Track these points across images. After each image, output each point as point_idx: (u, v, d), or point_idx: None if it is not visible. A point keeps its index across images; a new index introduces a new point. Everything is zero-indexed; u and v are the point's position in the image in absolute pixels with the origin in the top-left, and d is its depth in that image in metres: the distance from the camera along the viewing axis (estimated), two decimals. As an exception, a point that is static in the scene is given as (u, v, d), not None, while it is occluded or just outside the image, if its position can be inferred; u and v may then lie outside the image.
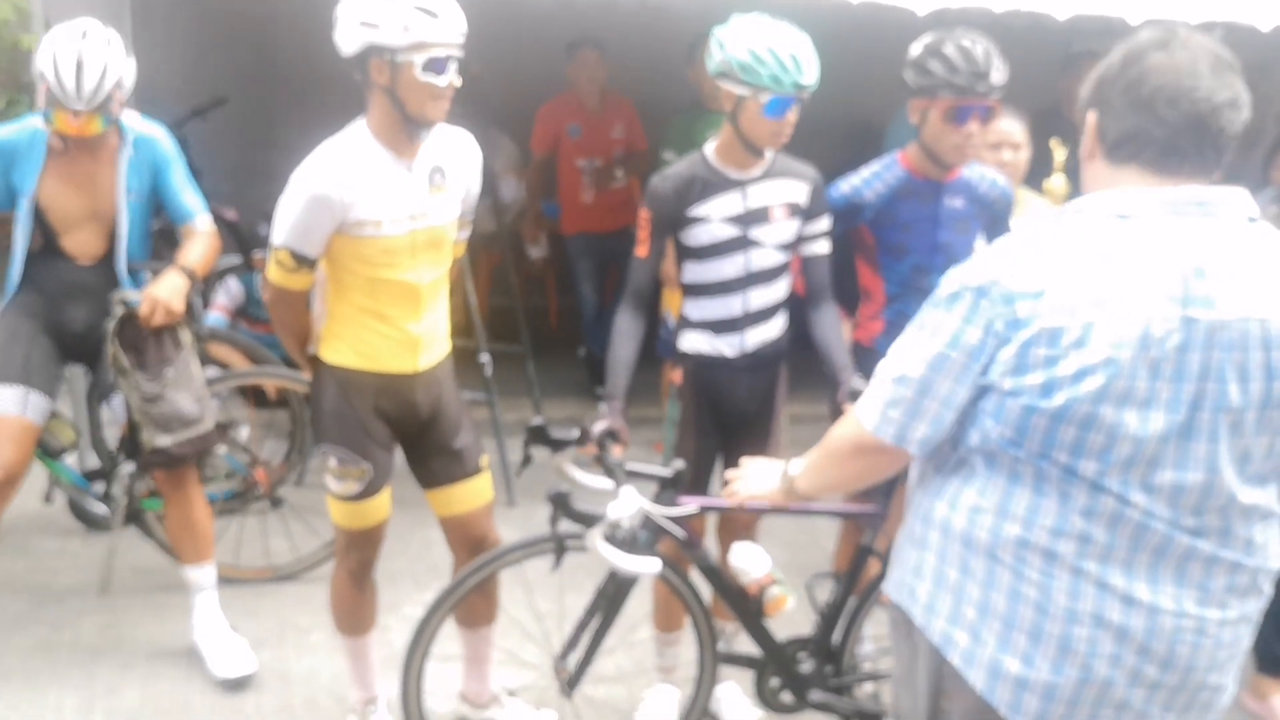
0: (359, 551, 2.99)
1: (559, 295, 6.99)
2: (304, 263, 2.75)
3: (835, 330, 3.14)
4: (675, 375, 3.15)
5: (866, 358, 3.16)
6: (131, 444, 3.55)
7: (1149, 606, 1.76)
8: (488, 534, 3.07)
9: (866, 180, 3.24)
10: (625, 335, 3.02)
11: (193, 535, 3.51)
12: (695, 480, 3.10)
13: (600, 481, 2.83)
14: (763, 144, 2.92)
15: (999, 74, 3.00)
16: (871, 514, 3.00)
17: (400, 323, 2.84)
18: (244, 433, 4.22)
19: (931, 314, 1.82)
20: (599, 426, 2.82)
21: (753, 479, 2.46)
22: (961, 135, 3.05)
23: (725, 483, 2.61)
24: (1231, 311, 1.68)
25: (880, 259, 3.28)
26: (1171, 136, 1.72)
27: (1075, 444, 1.71)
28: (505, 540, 3.04)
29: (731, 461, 3.22)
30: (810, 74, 2.83)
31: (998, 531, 1.80)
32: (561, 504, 2.77)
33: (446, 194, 2.84)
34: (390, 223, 2.74)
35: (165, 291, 3.29)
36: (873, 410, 1.89)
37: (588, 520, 2.76)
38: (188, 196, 3.46)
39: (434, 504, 3.06)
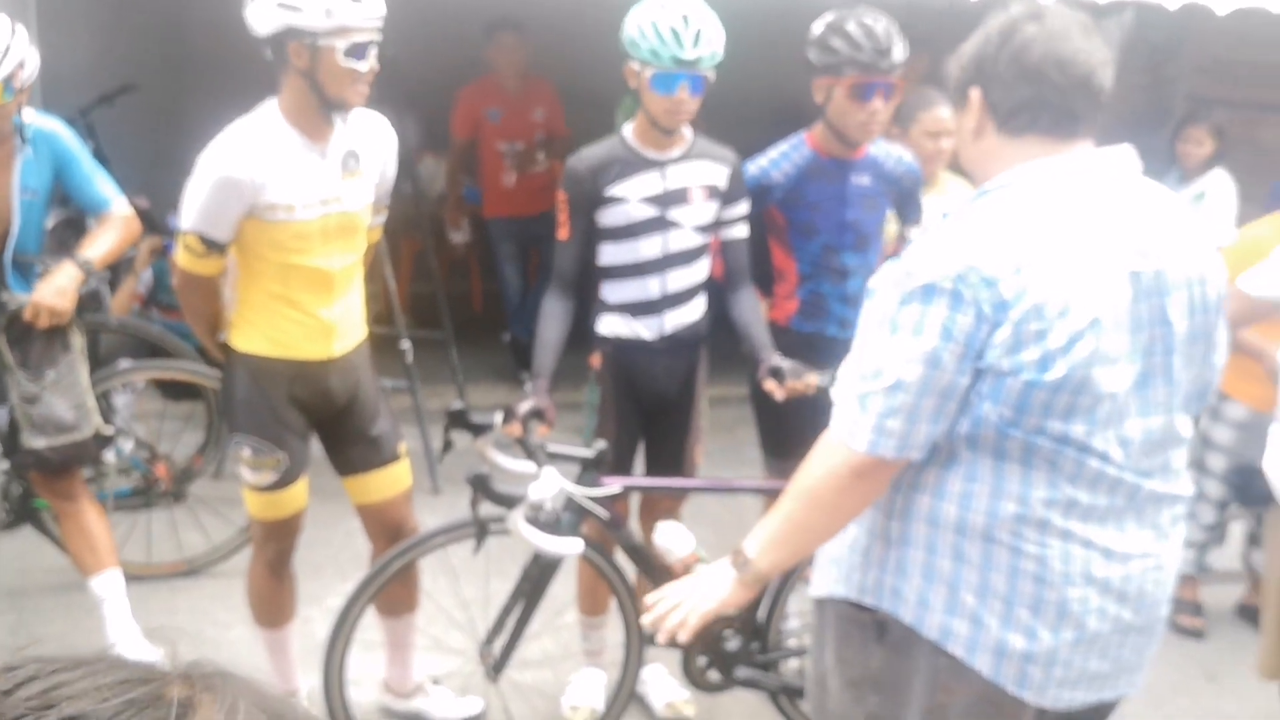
0: (276, 542, 2.93)
1: (482, 280, 6.93)
2: (213, 248, 2.68)
3: (755, 312, 3.15)
4: (594, 359, 3.13)
5: (782, 337, 3.19)
6: (10, 442, 3.42)
7: (1122, 554, 1.83)
8: (406, 521, 3.03)
9: (774, 161, 3.24)
10: (552, 317, 3.01)
11: (90, 545, 3.37)
12: (616, 464, 3.09)
13: (522, 464, 2.81)
14: (661, 122, 2.89)
15: (900, 51, 3.01)
16: None
17: (313, 309, 2.78)
18: (129, 445, 4.09)
19: (907, 313, 1.74)
20: (524, 406, 2.80)
21: (699, 593, 2.03)
22: (866, 112, 3.05)
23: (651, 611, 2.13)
24: (1162, 259, 1.76)
25: (791, 239, 3.28)
26: (1065, 100, 1.77)
27: (1068, 410, 1.74)
28: (427, 527, 3.00)
29: (653, 445, 3.24)
30: (696, 49, 2.79)
31: (994, 512, 1.79)
32: (482, 486, 2.74)
33: (360, 179, 2.79)
34: (302, 207, 2.68)
35: (50, 294, 3.12)
36: (862, 430, 1.77)
37: (509, 502, 2.74)
38: (100, 185, 3.32)
39: (351, 492, 3.01)
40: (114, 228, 3.34)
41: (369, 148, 2.80)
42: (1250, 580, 4.08)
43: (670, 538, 2.93)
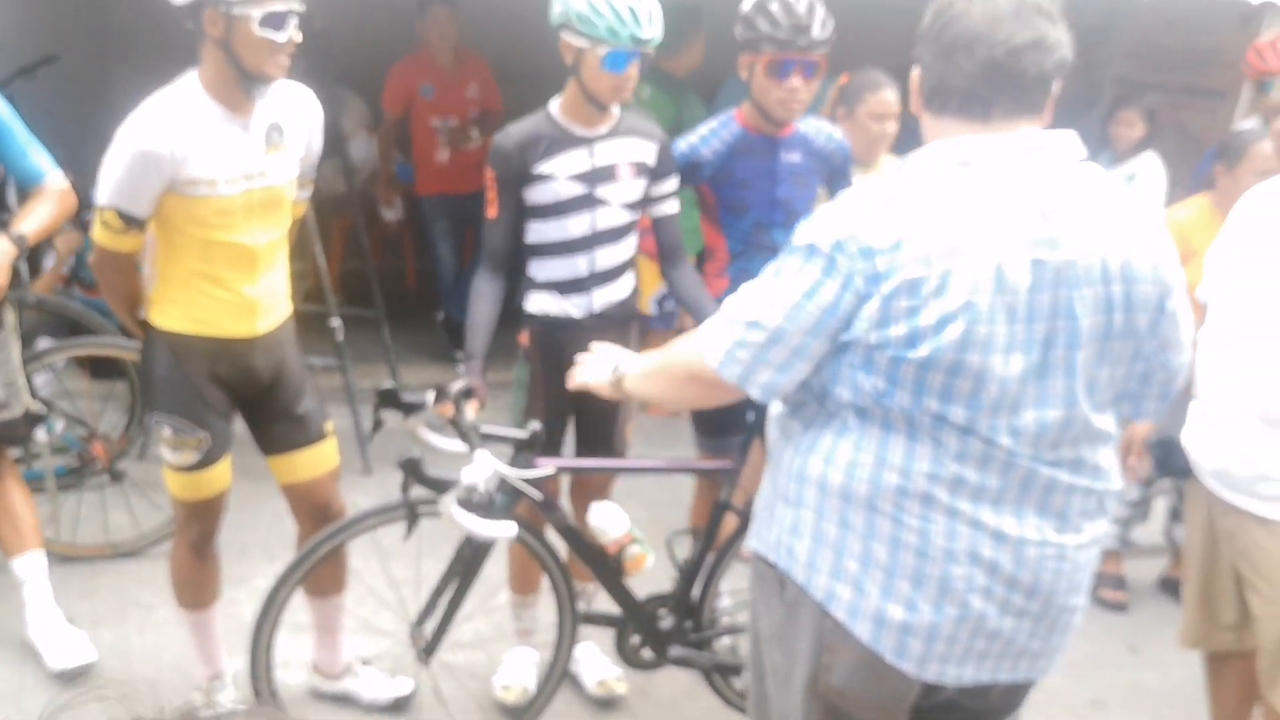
0: (199, 523, 2.88)
1: (416, 258, 6.85)
2: (132, 223, 2.61)
3: (698, 286, 3.14)
4: (522, 337, 3.11)
5: None
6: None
7: (1016, 539, 1.81)
8: (332, 501, 2.98)
9: (704, 138, 3.22)
10: (483, 296, 2.98)
11: (13, 525, 3.30)
12: (547, 442, 3.07)
13: (454, 445, 2.78)
14: (604, 99, 2.87)
15: (822, 29, 3.00)
16: (727, 470, 3.02)
17: (235, 286, 2.72)
18: (60, 424, 3.99)
19: (789, 262, 1.80)
20: (456, 385, 2.76)
21: (588, 368, 2.44)
22: (785, 90, 3.05)
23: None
24: (1074, 250, 1.73)
25: (721, 217, 3.28)
26: (969, 83, 1.75)
27: (944, 391, 1.74)
28: (358, 507, 2.96)
29: (583, 423, 3.22)
30: (650, 28, 2.79)
31: (876, 482, 1.80)
32: (413, 470, 2.71)
33: (284, 153, 2.73)
34: (224, 182, 2.62)
35: None
36: (718, 347, 1.86)
37: (440, 486, 2.71)
38: (34, 157, 3.18)
39: (276, 471, 2.96)
40: (49, 201, 3.23)
41: (293, 121, 2.75)
42: (1172, 554, 4.17)
43: (605, 518, 2.93)
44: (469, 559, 2.85)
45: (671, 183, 3.08)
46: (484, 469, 2.68)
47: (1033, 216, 1.72)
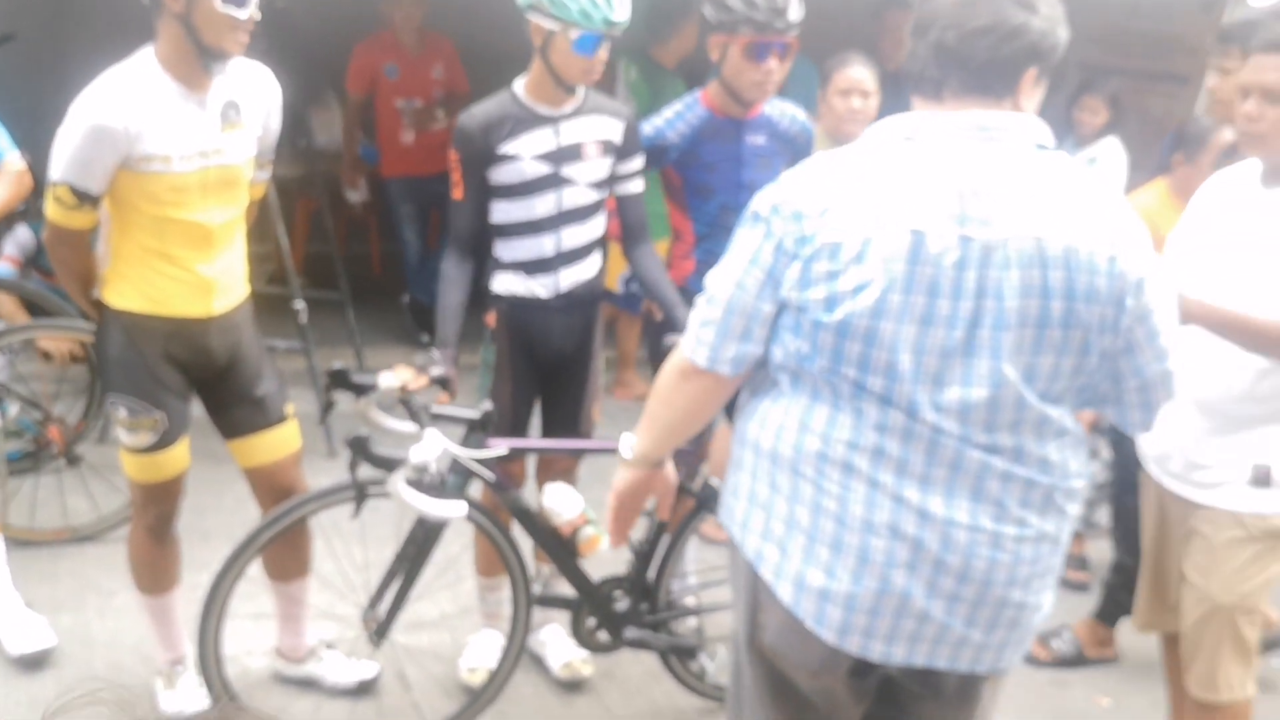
0: (157, 506, 2.85)
1: (382, 241, 6.80)
2: (85, 200, 2.57)
3: (660, 269, 3.13)
4: (489, 318, 3.09)
5: (681, 298, 3.16)
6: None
7: (944, 520, 1.79)
8: (295, 484, 2.96)
9: (669, 121, 3.21)
10: (452, 282, 2.96)
11: None
12: (513, 424, 3.06)
13: (405, 425, 2.76)
14: (574, 81, 2.86)
15: (796, 11, 3.01)
16: (683, 452, 2.99)
17: (190, 265, 2.69)
18: (14, 407, 3.94)
19: (738, 235, 1.88)
20: (434, 371, 2.76)
21: (617, 493, 2.19)
22: (761, 72, 3.05)
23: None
24: (1007, 231, 1.72)
25: (688, 200, 3.27)
26: (921, 64, 1.82)
27: (861, 360, 1.76)
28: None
29: (549, 404, 3.20)
30: (621, 10, 2.78)
31: (800, 446, 1.83)
32: (360, 449, 2.69)
33: (241, 131, 2.70)
34: (180, 159, 2.58)
35: None
36: (689, 334, 1.91)
37: (389, 464, 2.69)
38: None
39: (237, 455, 2.94)
40: (4, 182, 3.19)
41: (251, 99, 2.71)
42: (1133, 535, 4.20)
43: (558, 499, 2.93)
44: (421, 540, 2.83)
45: (637, 161, 3.07)
46: (433, 447, 2.67)
47: (966, 193, 1.72)
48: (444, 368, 2.80)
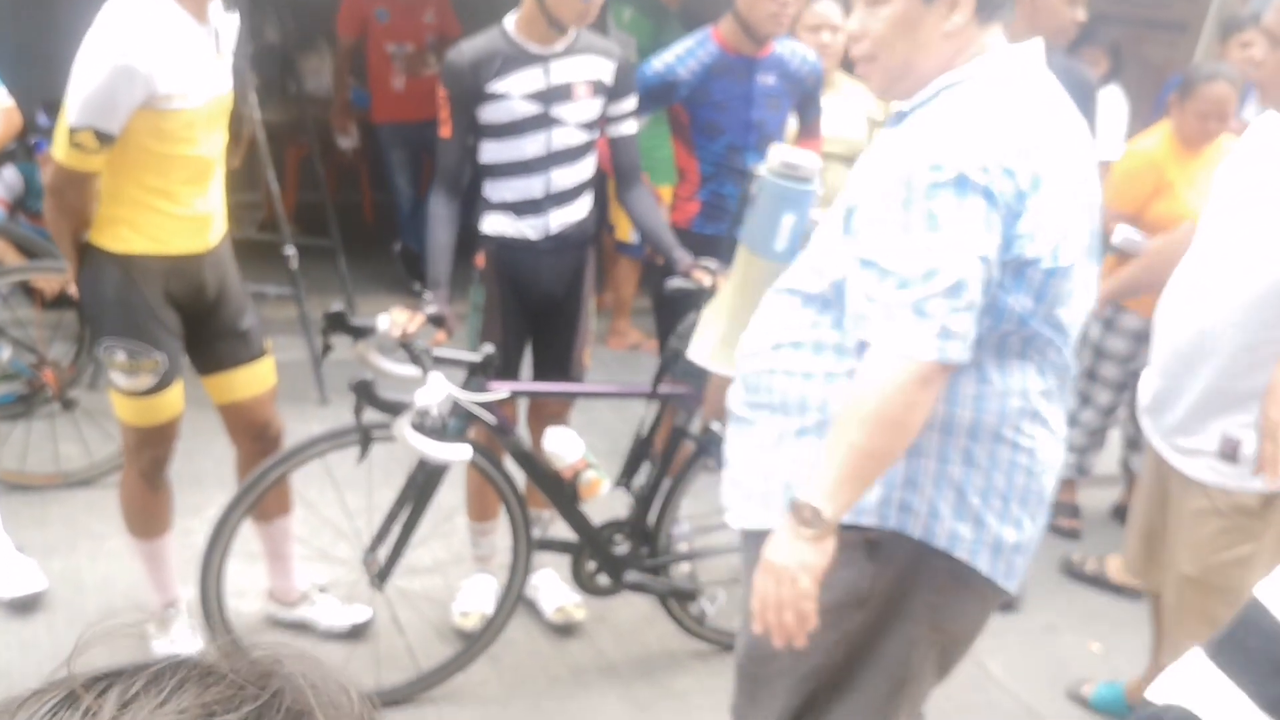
0: (152, 450, 2.82)
1: (374, 189, 6.75)
2: (106, 142, 2.46)
3: (654, 211, 3.10)
4: (478, 259, 3.06)
5: (684, 240, 3.14)
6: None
7: (1060, 436, 1.89)
8: (271, 421, 2.94)
9: (680, 57, 3.17)
10: (440, 220, 2.93)
11: None
12: (504, 366, 3.04)
13: (406, 369, 2.74)
14: (569, 21, 2.81)
15: None
16: (684, 396, 3.01)
17: (190, 200, 2.65)
18: (6, 351, 3.91)
19: (943, 203, 1.61)
20: (429, 309, 2.74)
21: (786, 584, 1.73)
22: (777, 4, 3.04)
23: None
24: (1084, 147, 1.80)
25: (695, 138, 3.24)
26: None
27: (1062, 296, 1.76)
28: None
29: (539, 347, 3.19)
30: None
31: (1004, 410, 1.79)
32: (365, 393, 2.66)
33: (225, 60, 2.66)
34: (194, 94, 2.52)
35: None
36: (926, 337, 1.61)
37: (394, 409, 2.67)
38: None
39: (213, 391, 2.91)
40: None
41: (224, 26, 2.66)
42: (1127, 484, 4.21)
43: (559, 443, 2.92)
44: (422, 483, 2.82)
45: (630, 102, 3.03)
46: (437, 392, 2.64)
47: (1070, 119, 1.77)
48: (438, 305, 2.78)
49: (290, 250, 4.61)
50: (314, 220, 5.45)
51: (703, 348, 2.64)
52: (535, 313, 3.11)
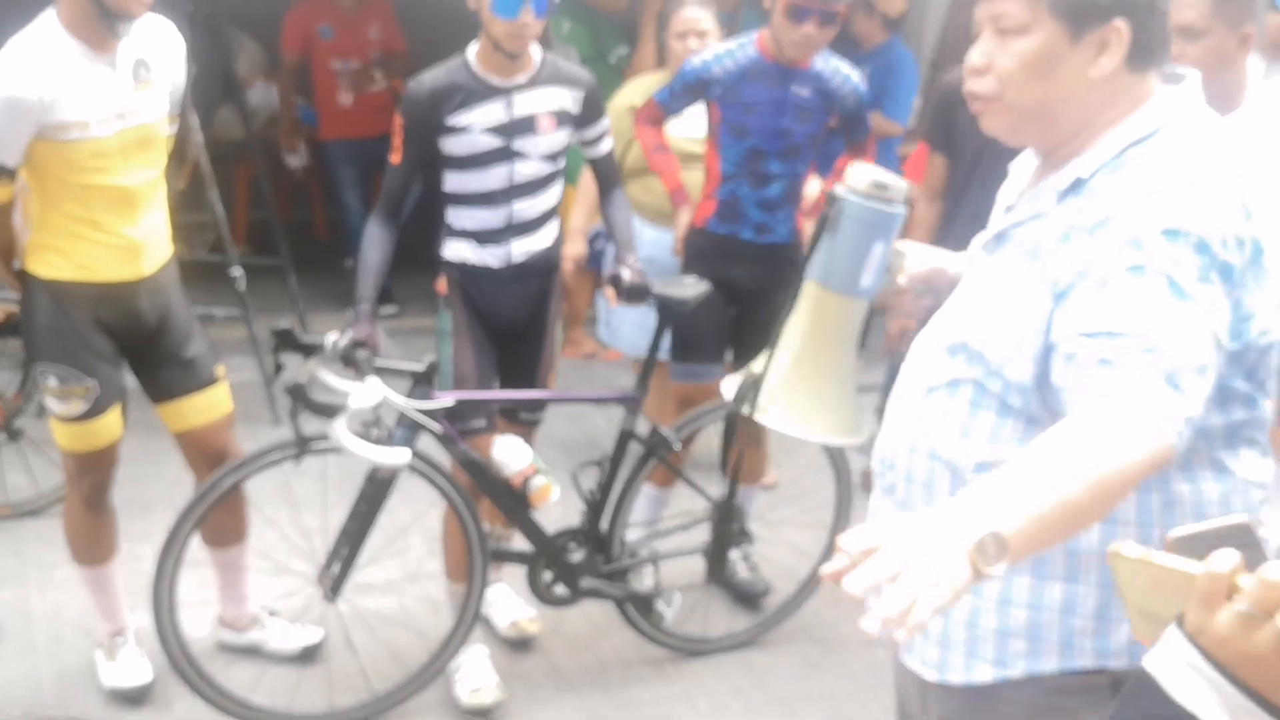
0: (91, 475, 2.81)
1: (326, 207, 6.72)
2: (2, 173, 2.52)
3: (623, 211, 3.13)
4: (440, 284, 3.04)
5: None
6: None
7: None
8: (228, 447, 2.93)
9: (717, 56, 3.25)
10: (376, 240, 2.92)
11: None
12: (479, 388, 3.02)
13: (349, 384, 2.72)
14: (506, 46, 2.79)
15: None
16: (628, 398, 3.04)
17: (117, 228, 2.65)
18: None
19: (1185, 274, 1.40)
20: (346, 338, 2.69)
21: (926, 577, 1.20)
22: (800, 34, 3.09)
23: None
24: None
25: (722, 136, 3.29)
26: (1159, 39, 1.55)
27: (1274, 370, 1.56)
28: None
29: (505, 374, 3.15)
30: None
31: (1248, 506, 1.57)
32: (300, 396, 2.63)
33: (154, 89, 2.66)
34: (97, 124, 2.54)
35: None
36: (1177, 417, 1.35)
37: (329, 411, 2.64)
38: None
39: (168, 419, 2.90)
40: None
41: (159, 55, 2.67)
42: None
43: (506, 451, 2.91)
44: (371, 496, 2.81)
45: (602, 124, 3.04)
46: (373, 393, 2.62)
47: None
48: (357, 329, 2.72)
49: (237, 271, 4.59)
50: (266, 239, 5.43)
51: (772, 407, 2.30)
52: (500, 338, 3.09)
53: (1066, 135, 1.56)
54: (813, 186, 3.54)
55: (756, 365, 2.34)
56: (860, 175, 2.08)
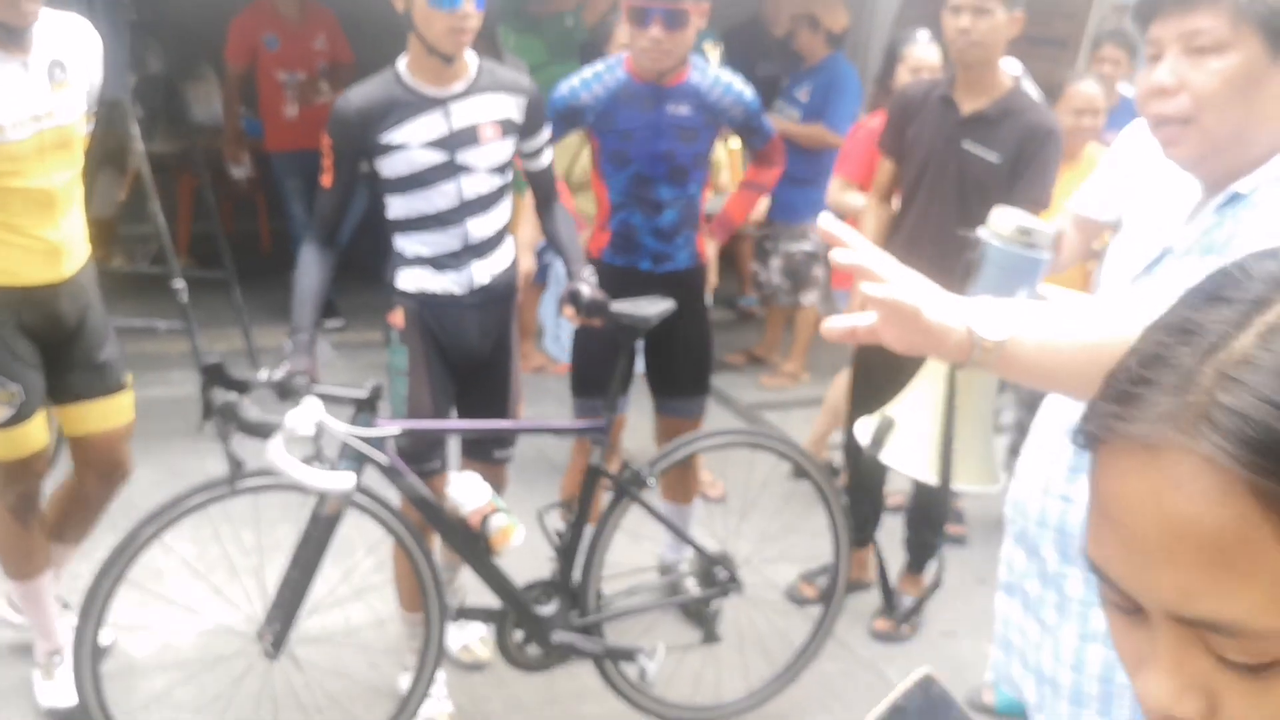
0: (19, 484, 2.75)
1: (270, 219, 6.66)
2: None
3: (568, 227, 2.95)
4: (395, 318, 2.82)
5: (596, 271, 2.92)
6: None
7: None
8: (123, 459, 2.88)
9: (585, 81, 3.06)
10: (311, 266, 2.70)
11: None
12: (434, 436, 2.86)
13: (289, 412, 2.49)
14: (445, 47, 2.58)
15: None
16: (595, 429, 2.82)
17: (37, 232, 2.61)
18: None
19: None
20: (281, 371, 2.46)
21: (907, 293, 1.12)
22: (647, 39, 2.93)
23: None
24: None
25: (603, 165, 3.14)
26: None
27: None
28: (208, 475, 2.61)
29: (470, 408, 2.95)
30: None
31: None
32: (230, 415, 2.36)
33: (70, 89, 2.63)
34: (12, 127, 2.50)
35: None
36: None
37: (263, 430, 2.38)
38: None
39: (65, 422, 2.85)
40: None
41: (74, 55, 2.64)
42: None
43: (462, 489, 2.71)
44: (316, 537, 2.58)
45: (544, 135, 2.87)
46: (308, 416, 2.42)
47: None
48: (294, 361, 2.52)
49: (179, 284, 4.53)
50: (210, 252, 5.36)
51: (909, 456, 2.07)
52: (462, 374, 2.92)
53: (1254, 162, 1.46)
54: (713, 203, 3.45)
55: (890, 409, 2.08)
56: (1004, 220, 2.01)
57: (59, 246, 2.66)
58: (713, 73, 3.11)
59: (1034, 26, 3.21)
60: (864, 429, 2.18)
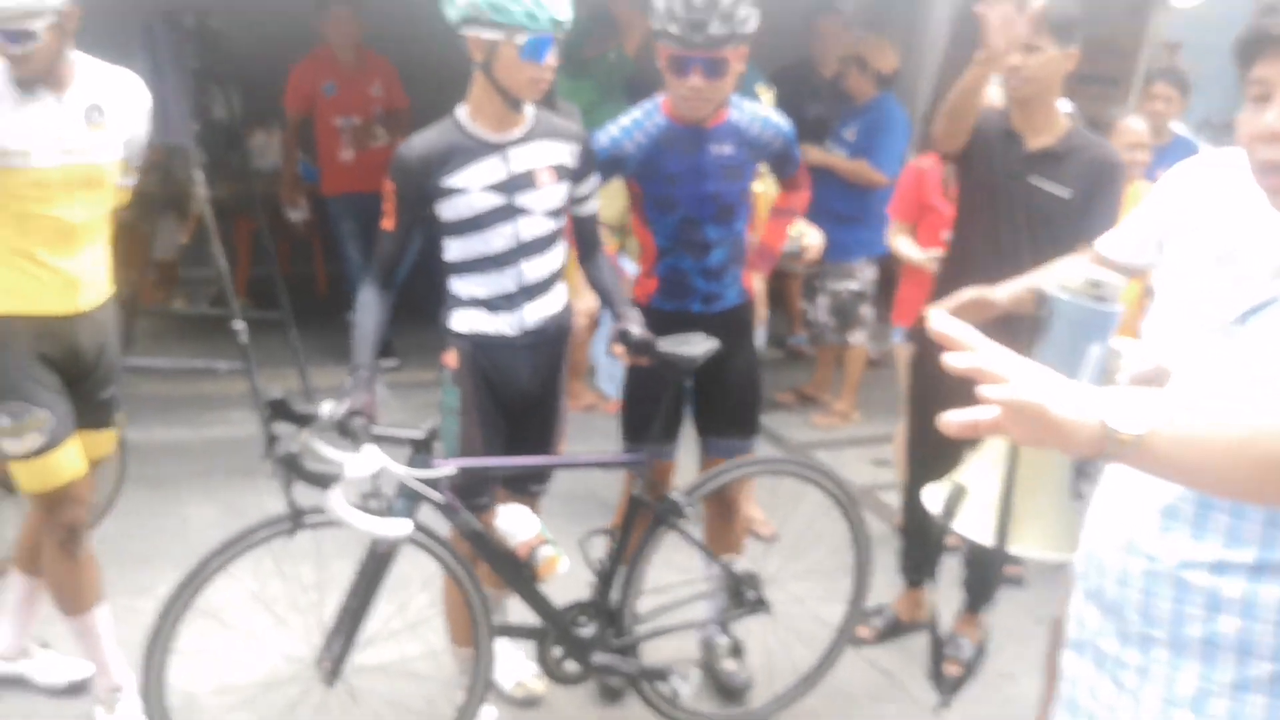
0: (61, 514, 2.79)
1: (326, 262, 6.78)
2: None
3: (611, 274, 3.01)
4: (449, 359, 2.88)
5: (645, 318, 2.93)
6: None
7: None
8: (82, 491, 2.86)
9: (625, 129, 3.06)
10: (369, 307, 2.78)
11: None
12: (485, 473, 2.91)
13: (348, 455, 2.54)
14: (523, 94, 2.67)
15: (723, 24, 2.82)
16: (637, 462, 2.91)
17: (53, 261, 2.71)
18: None
19: None
20: (342, 407, 2.54)
21: (1039, 393, 1.15)
22: (686, 87, 2.92)
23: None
24: None
25: (648, 212, 3.13)
26: None
27: None
28: (266, 513, 2.66)
29: (517, 444, 2.98)
30: (564, 8, 2.64)
31: None
32: (293, 465, 2.46)
33: (105, 132, 2.74)
34: (38, 153, 2.61)
35: None
36: None
37: (324, 481, 2.49)
38: None
39: None
40: None
41: (115, 104, 2.76)
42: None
43: (512, 521, 2.78)
44: (372, 571, 2.67)
45: (592, 183, 2.93)
46: (370, 462, 2.48)
47: None
48: (354, 399, 2.59)
49: (239, 325, 4.62)
50: (268, 294, 5.46)
51: (981, 524, 2.07)
52: (512, 414, 2.96)
53: None
54: (758, 189, 3.44)
55: (960, 474, 2.08)
56: (1073, 273, 1.90)
57: (75, 279, 2.75)
58: (749, 108, 3.12)
59: (1083, 64, 3.21)
60: (934, 497, 2.14)
